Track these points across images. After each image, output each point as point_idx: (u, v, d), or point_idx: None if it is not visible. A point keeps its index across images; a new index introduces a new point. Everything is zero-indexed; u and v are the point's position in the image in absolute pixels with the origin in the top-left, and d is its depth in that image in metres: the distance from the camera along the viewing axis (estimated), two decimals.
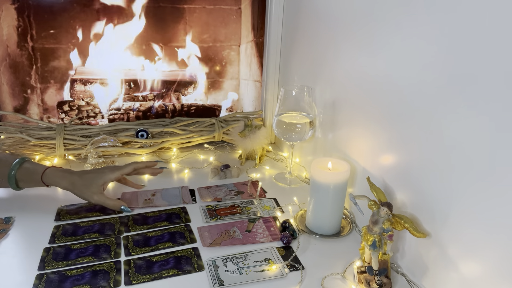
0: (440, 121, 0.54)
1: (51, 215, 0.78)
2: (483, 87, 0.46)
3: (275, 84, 1.16)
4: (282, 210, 0.83)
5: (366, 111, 0.73)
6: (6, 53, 1.19)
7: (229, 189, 0.92)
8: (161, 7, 1.31)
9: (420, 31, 0.56)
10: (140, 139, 1.06)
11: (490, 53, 0.45)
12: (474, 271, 0.50)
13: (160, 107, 1.28)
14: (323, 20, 0.87)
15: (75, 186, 0.77)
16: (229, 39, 1.42)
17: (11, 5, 1.17)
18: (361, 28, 0.72)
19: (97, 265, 0.64)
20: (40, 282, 0.59)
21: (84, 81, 1.29)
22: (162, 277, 0.61)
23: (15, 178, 0.77)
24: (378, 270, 0.59)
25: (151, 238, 0.71)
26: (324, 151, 0.92)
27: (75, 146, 1.02)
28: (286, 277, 0.62)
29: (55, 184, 0.78)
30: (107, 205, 0.78)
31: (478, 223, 0.49)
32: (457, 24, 0.49)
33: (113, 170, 0.80)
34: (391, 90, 0.64)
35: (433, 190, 0.56)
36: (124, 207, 0.79)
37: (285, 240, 0.70)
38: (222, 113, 1.38)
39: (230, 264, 0.65)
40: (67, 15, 1.23)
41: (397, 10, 0.61)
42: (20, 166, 0.77)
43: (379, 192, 0.62)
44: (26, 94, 1.26)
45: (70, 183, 0.77)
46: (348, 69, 0.78)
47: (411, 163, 0.61)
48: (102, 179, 0.78)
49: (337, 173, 0.71)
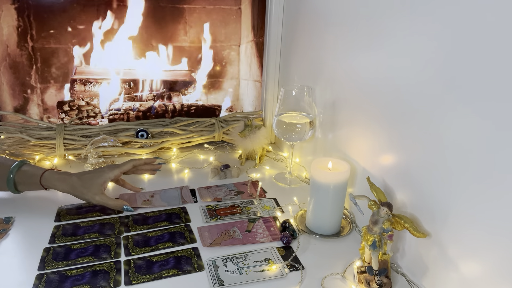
0: (440, 121, 0.54)
1: (51, 215, 0.78)
2: (483, 87, 0.46)
3: (275, 84, 1.16)
4: (282, 210, 0.83)
5: (366, 111, 0.73)
6: (6, 53, 1.19)
7: (229, 189, 0.92)
8: (161, 7, 1.31)
9: (420, 31, 0.56)
10: (140, 139, 1.06)
11: (490, 53, 0.45)
12: (474, 271, 0.50)
13: (160, 107, 1.28)
14: (323, 20, 0.87)
15: (75, 188, 0.76)
16: (229, 39, 1.42)
17: (11, 5, 1.17)
18: (361, 28, 0.72)
19: (97, 265, 0.64)
20: (40, 282, 0.59)
21: (84, 81, 1.30)
22: (162, 277, 0.61)
23: (14, 181, 0.77)
24: (378, 270, 0.59)
25: (151, 238, 0.71)
26: (324, 151, 0.92)
27: (75, 146, 1.02)
28: (286, 277, 0.62)
29: (54, 187, 0.77)
30: (109, 205, 0.78)
31: (478, 223, 0.49)
32: (457, 24, 0.49)
33: (112, 168, 0.80)
34: (391, 90, 0.64)
35: (433, 190, 0.56)
36: (126, 206, 0.79)
37: (285, 240, 0.70)
38: (222, 113, 1.38)
39: (230, 264, 0.65)
40: (67, 15, 1.23)
41: (396, 10, 0.61)
42: (19, 169, 0.77)
43: (379, 192, 0.62)
44: (26, 94, 1.26)
45: (70, 186, 0.76)
46: (348, 69, 0.78)
47: (411, 163, 0.61)
48: (101, 178, 0.78)
49: (337, 173, 0.71)
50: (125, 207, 0.79)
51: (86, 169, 0.99)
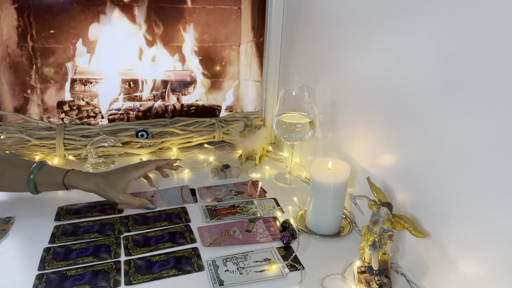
0: (440, 121, 0.54)
1: (51, 215, 0.78)
2: (483, 87, 0.46)
3: (275, 84, 1.16)
4: (282, 210, 0.83)
5: (366, 111, 0.73)
6: (6, 53, 1.19)
7: (229, 189, 0.92)
8: (161, 7, 1.31)
9: (419, 32, 0.56)
10: (140, 139, 1.06)
11: (490, 53, 0.45)
12: (474, 271, 0.50)
13: (160, 107, 1.28)
14: (323, 20, 0.87)
15: (99, 187, 0.78)
16: (229, 39, 1.42)
17: (11, 5, 1.17)
18: (361, 28, 0.72)
19: (97, 265, 0.64)
20: (40, 282, 0.59)
21: (84, 81, 1.30)
22: (162, 277, 0.61)
23: (34, 182, 0.77)
24: (378, 270, 0.59)
25: (151, 238, 0.71)
26: (324, 151, 0.92)
27: (75, 146, 1.02)
28: (286, 277, 0.62)
29: (77, 186, 0.78)
30: (133, 204, 0.80)
31: (478, 223, 0.49)
32: (457, 24, 0.49)
33: (136, 168, 0.82)
34: (391, 90, 0.64)
35: (433, 190, 0.56)
36: (148, 205, 0.81)
37: (285, 240, 0.70)
38: (222, 113, 1.38)
39: (230, 264, 0.65)
40: (67, 15, 1.23)
41: (396, 10, 0.61)
42: (39, 169, 0.77)
43: (379, 192, 0.62)
44: (26, 94, 1.26)
45: (95, 184, 0.78)
46: (348, 69, 0.78)
47: (411, 163, 0.61)
48: (126, 177, 0.79)
49: (337, 173, 0.71)
50: (147, 205, 0.81)
51: (86, 169, 1.00)
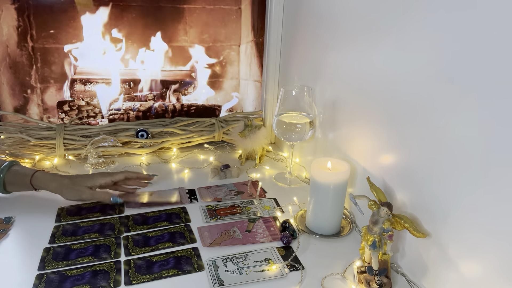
0: (440, 121, 0.54)
1: (51, 215, 0.78)
2: (484, 87, 0.46)
3: (275, 84, 1.16)
4: (282, 210, 0.83)
5: (366, 111, 0.73)
6: (6, 53, 1.19)
7: (229, 189, 0.92)
8: (161, 7, 1.31)
9: (419, 32, 0.56)
10: (140, 139, 1.06)
11: (490, 53, 0.45)
12: (474, 271, 0.50)
13: (160, 107, 1.28)
14: (323, 20, 0.87)
15: (63, 186, 0.77)
16: (229, 39, 1.42)
17: (11, 5, 1.17)
18: (360, 28, 0.72)
19: (97, 265, 0.64)
20: (40, 282, 0.59)
21: (84, 81, 1.30)
22: (162, 277, 0.61)
23: (3, 181, 0.78)
24: (378, 270, 0.59)
25: (151, 238, 0.71)
26: (324, 151, 0.92)
27: (75, 146, 1.02)
28: (286, 277, 0.62)
29: (45, 187, 0.78)
30: (98, 197, 0.79)
31: (478, 223, 0.49)
32: (457, 24, 0.49)
33: (104, 175, 0.82)
34: (391, 90, 0.64)
35: (433, 190, 0.56)
36: (113, 198, 0.79)
37: (285, 240, 0.70)
38: (222, 113, 1.38)
39: (230, 264, 0.65)
40: (67, 15, 1.23)
41: (396, 10, 0.61)
42: (8, 169, 0.78)
43: (379, 192, 0.62)
44: (26, 94, 1.26)
45: (60, 184, 0.77)
46: (348, 69, 0.78)
47: (411, 163, 0.61)
48: (91, 181, 0.79)
49: (337, 173, 0.71)
50: (112, 198, 0.79)
51: (86, 169, 1.00)
